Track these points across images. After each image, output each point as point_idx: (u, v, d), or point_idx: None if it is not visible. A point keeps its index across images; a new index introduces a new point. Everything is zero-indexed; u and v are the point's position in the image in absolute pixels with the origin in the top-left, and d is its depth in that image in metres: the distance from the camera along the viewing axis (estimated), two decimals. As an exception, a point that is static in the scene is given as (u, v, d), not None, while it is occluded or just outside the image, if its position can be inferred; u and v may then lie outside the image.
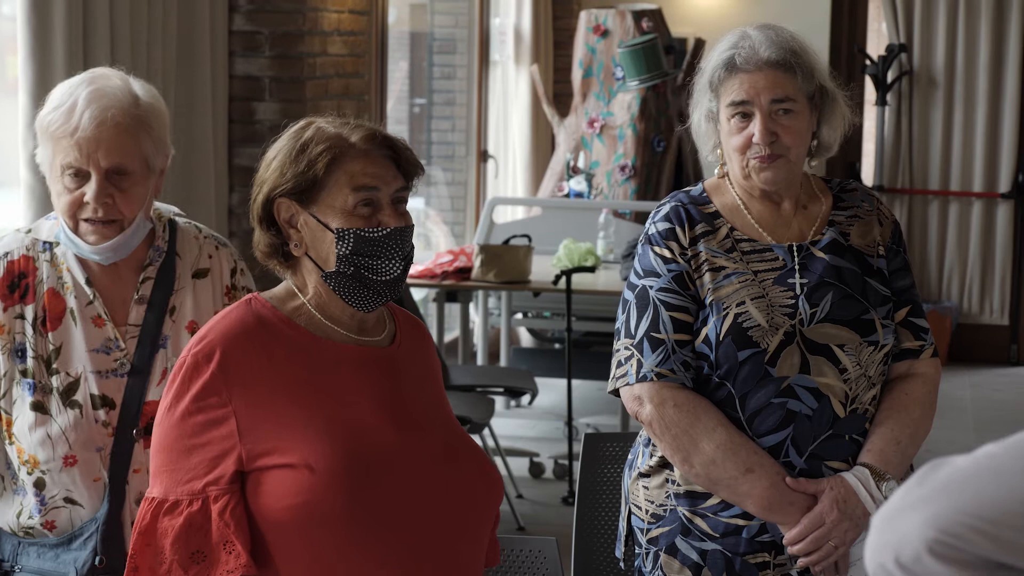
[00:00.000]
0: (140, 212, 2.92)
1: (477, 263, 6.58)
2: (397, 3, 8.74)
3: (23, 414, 2.91)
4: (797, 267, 3.06)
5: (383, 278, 2.57)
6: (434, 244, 9.13)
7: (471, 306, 7.57)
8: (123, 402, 2.93)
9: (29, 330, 2.91)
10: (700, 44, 8.86)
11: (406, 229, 2.57)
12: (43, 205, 4.33)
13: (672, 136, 8.64)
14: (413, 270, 2.69)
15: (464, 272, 6.64)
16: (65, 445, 2.90)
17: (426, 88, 9.45)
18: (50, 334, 2.93)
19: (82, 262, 2.95)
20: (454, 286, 6.69)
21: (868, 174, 10.42)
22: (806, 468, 3.00)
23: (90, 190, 2.85)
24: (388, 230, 2.55)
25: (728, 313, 3.01)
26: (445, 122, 9.29)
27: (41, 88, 4.30)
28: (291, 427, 2.54)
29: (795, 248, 3.07)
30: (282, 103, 5.39)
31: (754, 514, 3.00)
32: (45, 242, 2.97)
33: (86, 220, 2.89)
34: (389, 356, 2.65)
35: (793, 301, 3.02)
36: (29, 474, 2.92)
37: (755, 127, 3.03)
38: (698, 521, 3.04)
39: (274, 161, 2.62)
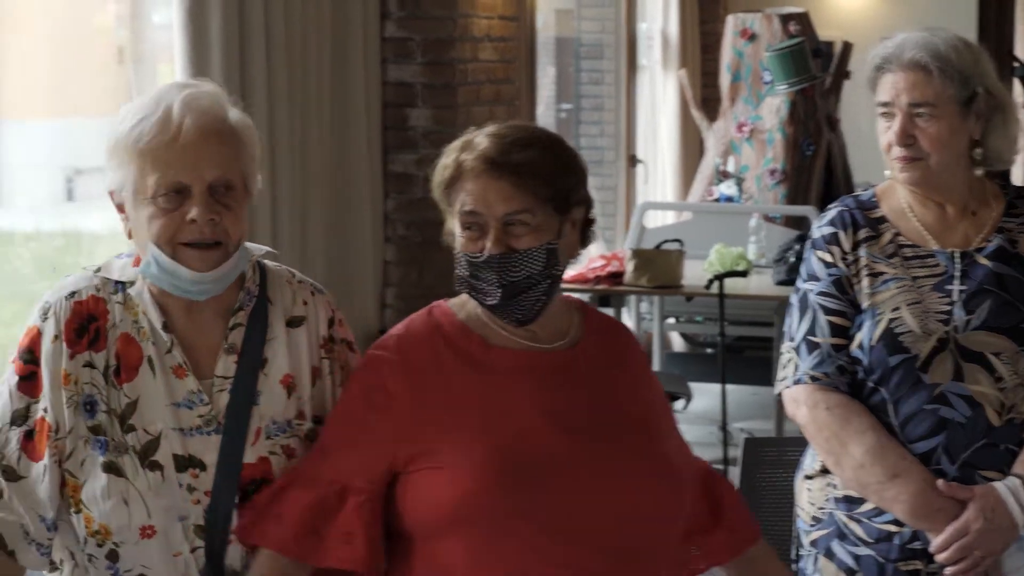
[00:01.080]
0: (243, 238, 2.58)
1: (630, 268, 6.52)
2: (543, 9, 8.71)
3: (94, 477, 2.51)
4: (958, 274, 3.00)
5: (488, 302, 2.56)
6: (585, 249, 9.10)
7: (624, 311, 7.52)
8: (219, 464, 2.53)
9: (100, 381, 2.52)
10: (847, 47, 8.74)
11: (505, 257, 2.52)
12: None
13: (821, 140, 8.53)
14: (567, 274, 2.63)
15: (616, 277, 6.59)
16: (143, 513, 2.49)
17: (573, 93, 9.42)
18: (125, 386, 2.53)
19: (160, 305, 2.56)
20: (607, 291, 6.65)
21: (1017, 179, 10.20)
22: (959, 476, 2.94)
23: (194, 207, 2.48)
24: (483, 257, 2.52)
25: (882, 318, 2.97)
26: (593, 127, 9.25)
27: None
28: (451, 430, 2.53)
29: (958, 255, 3.02)
30: (435, 109, 5.37)
31: (902, 520, 2.94)
32: (117, 282, 2.58)
33: (189, 244, 2.50)
34: (565, 361, 2.61)
35: (948, 308, 2.97)
36: (99, 546, 2.52)
37: (894, 128, 2.99)
38: (853, 526, 3.01)
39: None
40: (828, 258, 3.05)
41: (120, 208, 2.55)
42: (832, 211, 3.10)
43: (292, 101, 4.62)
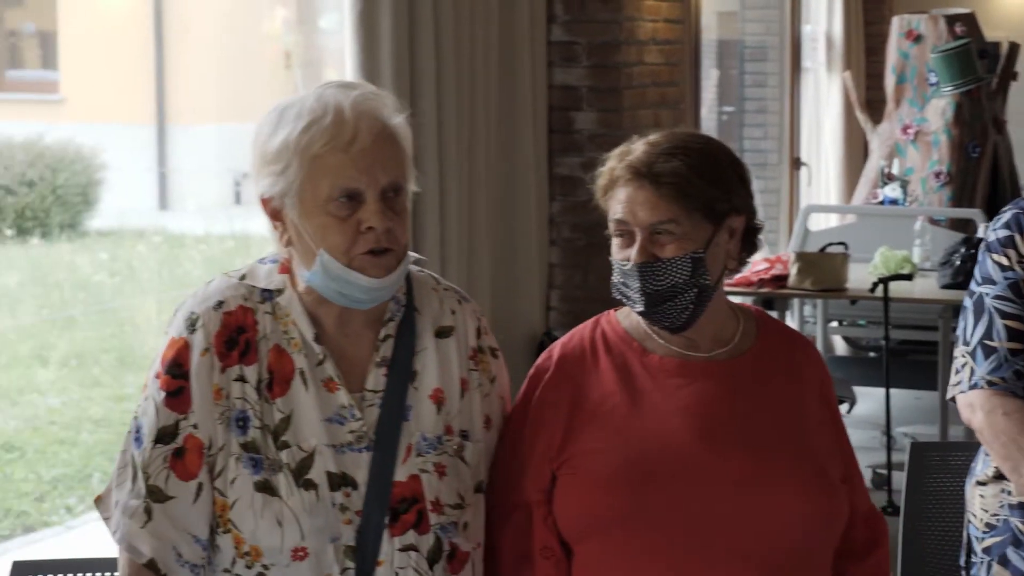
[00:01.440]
0: (409, 243, 2.50)
1: (793, 271, 6.48)
2: (706, 11, 8.68)
3: (245, 495, 2.40)
4: None
5: (636, 309, 2.57)
6: (749, 257, 9.06)
7: (787, 314, 7.47)
8: (369, 483, 2.43)
9: (252, 395, 2.41)
10: (1014, 48, 8.59)
11: (647, 265, 2.51)
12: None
13: (987, 141, 8.39)
14: (731, 278, 2.60)
15: (780, 280, 6.55)
16: (297, 534, 2.38)
17: (736, 96, 9.37)
18: (278, 400, 2.42)
19: (311, 315, 2.46)
20: (770, 294, 6.60)
21: None
22: None
23: (369, 213, 2.39)
24: (629, 265, 2.53)
25: None
26: (757, 130, 9.20)
27: (371, 100, 4.37)
28: (593, 436, 2.55)
29: None
30: (600, 112, 5.38)
31: None
32: (265, 290, 2.47)
33: (367, 253, 2.40)
34: (722, 370, 2.60)
35: None
36: (248, 567, 2.42)
37: None
38: (1030, 533, 2.95)
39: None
40: (1004, 261, 3.00)
41: (275, 215, 2.44)
42: (1007, 214, 3.05)
43: (460, 105, 4.66)
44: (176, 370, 2.42)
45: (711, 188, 2.53)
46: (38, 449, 8.38)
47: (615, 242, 2.56)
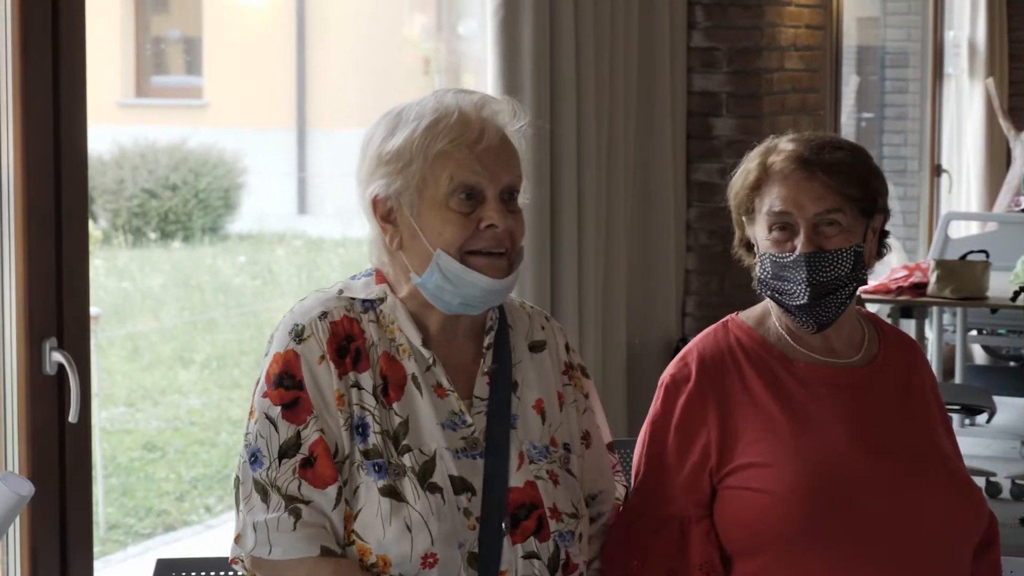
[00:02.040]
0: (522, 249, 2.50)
1: (933, 279, 6.39)
2: (846, 17, 8.60)
3: (371, 502, 2.36)
4: None
5: (794, 303, 2.53)
6: (887, 259, 8.96)
7: (925, 323, 7.38)
8: (484, 489, 2.41)
9: (371, 401, 2.40)
10: None
11: (815, 256, 2.50)
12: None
13: None
14: (869, 284, 2.57)
15: (919, 288, 6.46)
16: (426, 539, 2.34)
17: (876, 102, 9.26)
18: (395, 404, 2.41)
19: (418, 322, 2.45)
20: (909, 302, 6.52)
21: None
22: None
23: (490, 211, 2.39)
24: (792, 256, 2.51)
25: None
26: (896, 136, 9.09)
27: (510, 105, 4.39)
28: (754, 448, 2.52)
29: None
30: (739, 119, 5.36)
31: None
32: (365, 301, 2.46)
33: (483, 253, 2.40)
34: (862, 378, 2.58)
35: None
36: None
37: None
38: None
39: (735, 176, 2.63)
40: None
41: (386, 217, 2.43)
42: None
43: (599, 110, 4.66)
44: (288, 381, 2.40)
45: (874, 182, 2.53)
46: (179, 449, 8.50)
47: (771, 237, 2.53)
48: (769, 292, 2.55)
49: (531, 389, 2.53)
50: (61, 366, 3.20)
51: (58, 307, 3.21)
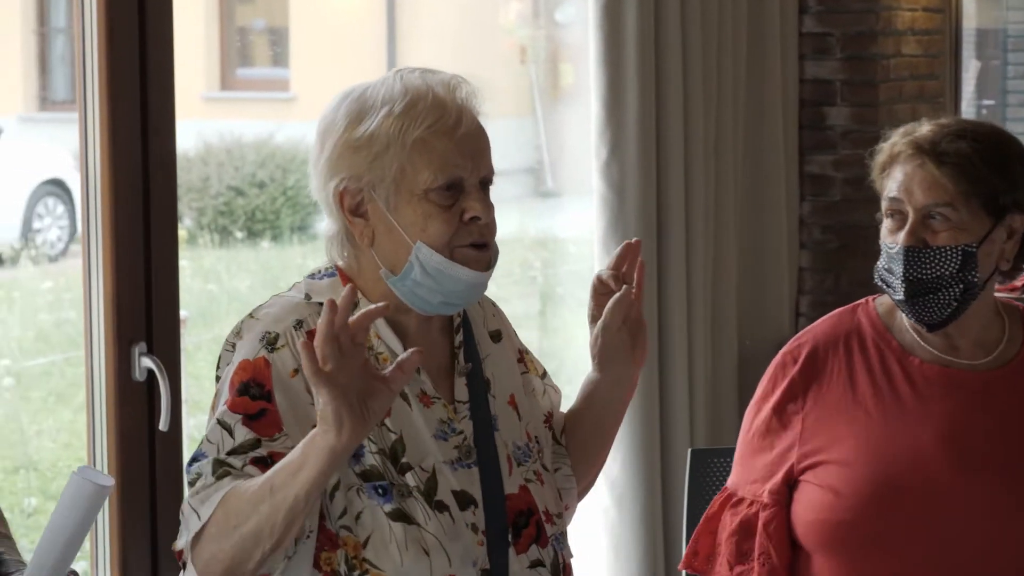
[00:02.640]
0: None
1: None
2: None
3: (380, 528, 2.26)
4: None
5: (895, 297, 2.50)
6: None
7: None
8: (485, 501, 2.34)
9: None
10: None
11: (914, 250, 2.46)
12: (617, 217, 4.41)
13: None
14: (1003, 282, 2.52)
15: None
16: (444, 561, 2.26)
17: (998, 88, 9.16)
18: (387, 420, 2.29)
19: (394, 326, 2.34)
20: (1036, 299, 6.45)
21: None
22: None
23: (472, 202, 2.31)
24: (896, 248, 2.48)
25: None
26: (1020, 124, 8.98)
27: (613, 96, 4.39)
28: (839, 443, 2.50)
29: None
30: (854, 107, 5.31)
31: None
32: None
33: (469, 246, 2.32)
34: (985, 381, 2.53)
35: None
36: None
37: None
38: None
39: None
40: None
41: (355, 211, 2.33)
42: None
43: (707, 98, 4.64)
44: (255, 390, 2.27)
45: (996, 177, 2.47)
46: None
47: (886, 224, 2.51)
48: (880, 282, 2.53)
49: (502, 384, 2.47)
50: (151, 372, 3.23)
51: (147, 311, 3.25)
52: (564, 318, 6.17)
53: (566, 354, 5.61)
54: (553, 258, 8.00)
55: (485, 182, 2.35)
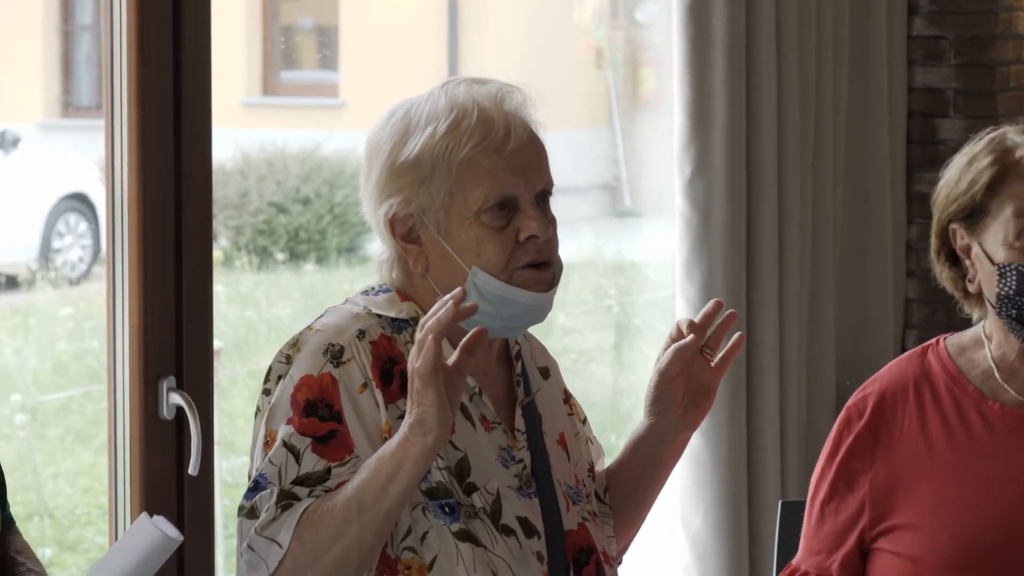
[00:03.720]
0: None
1: None
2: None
3: (447, 549, 2.35)
4: None
5: None
6: None
7: None
8: (547, 533, 2.44)
9: None
10: None
11: None
12: (701, 241, 4.41)
13: None
14: None
15: None
16: None
17: None
18: (453, 437, 2.38)
19: (454, 344, 2.38)
20: None
21: None
22: None
23: (528, 220, 2.41)
24: None
25: None
26: None
27: (699, 105, 4.39)
28: (913, 504, 2.49)
29: None
30: (969, 119, 5.29)
31: None
32: (395, 319, 2.45)
33: (528, 267, 2.42)
34: None
35: None
36: None
37: None
38: None
39: (945, 177, 2.59)
40: None
41: (407, 238, 2.44)
42: None
43: (804, 109, 4.64)
44: (324, 411, 2.37)
45: None
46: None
47: (1019, 245, 2.49)
48: (1015, 311, 2.50)
49: (553, 423, 2.57)
50: (180, 409, 3.26)
51: (177, 342, 3.28)
52: (642, 352, 6.18)
53: (643, 393, 5.61)
54: (630, 285, 8.01)
55: (544, 195, 2.45)
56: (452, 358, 2.26)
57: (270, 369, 2.43)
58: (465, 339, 2.25)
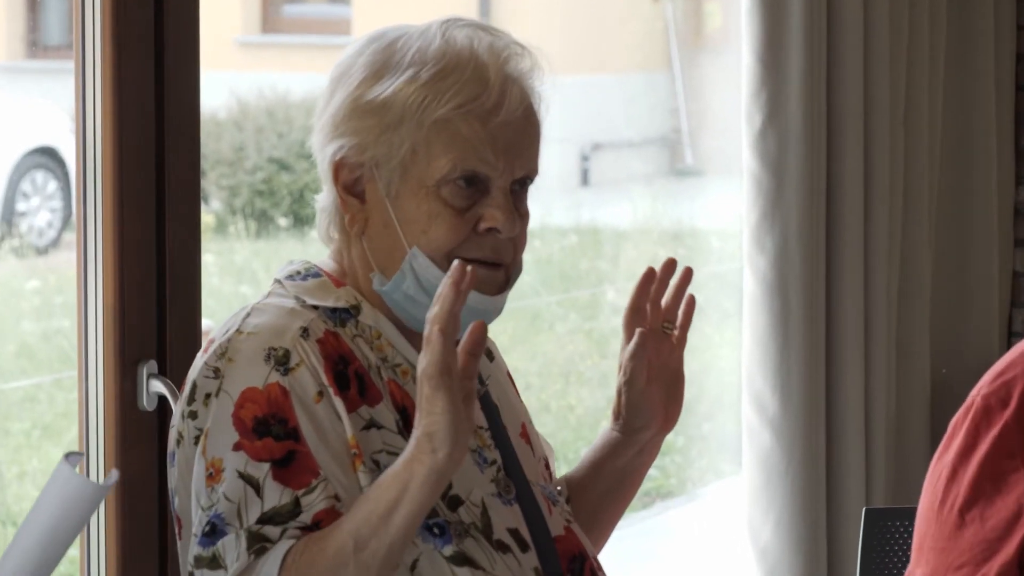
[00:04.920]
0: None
1: None
2: None
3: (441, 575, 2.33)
4: None
5: None
6: None
7: None
8: (535, 540, 2.44)
9: (398, 442, 2.34)
10: None
11: None
12: (774, 204, 4.41)
13: None
14: None
15: None
16: None
17: None
18: None
19: (407, 333, 2.43)
20: None
21: None
22: None
23: (493, 209, 2.38)
24: None
25: None
26: None
27: (771, 46, 4.38)
28: None
29: None
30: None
31: None
32: (335, 309, 2.41)
33: (478, 262, 2.36)
34: None
35: None
36: None
37: None
38: None
39: None
40: None
41: (349, 188, 2.41)
42: None
43: (895, 51, 4.62)
44: (277, 428, 2.30)
45: None
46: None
47: None
48: None
49: (511, 413, 2.57)
50: (162, 398, 3.28)
51: (160, 321, 3.29)
52: (703, 334, 6.18)
53: (706, 380, 5.61)
54: (691, 255, 8.02)
55: (523, 182, 2.42)
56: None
57: (193, 386, 2.36)
58: (465, 340, 2.19)
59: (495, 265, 2.40)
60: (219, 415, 2.31)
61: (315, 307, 2.40)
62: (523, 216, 2.42)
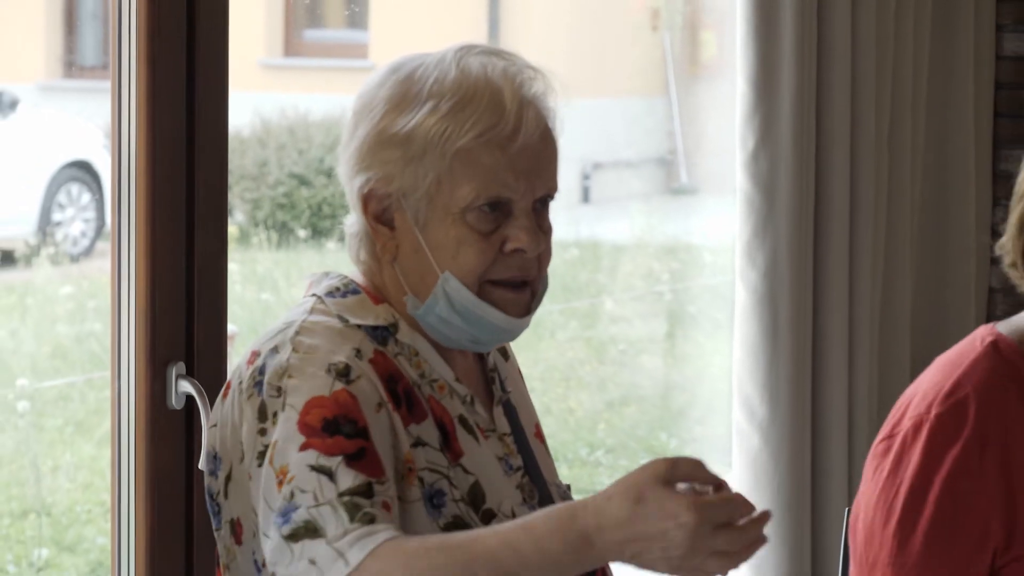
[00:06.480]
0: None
1: None
2: None
3: None
4: None
5: None
6: None
7: None
8: None
9: (440, 460, 2.31)
10: None
11: None
12: (764, 221, 4.41)
13: None
14: None
15: None
16: None
17: None
18: (463, 460, 2.35)
19: (441, 351, 2.40)
20: None
21: None
22: None
23: (517, 231, 2.35)
24: None
25: None
26: None
27: (764, 72, 4.38)
28: None
29: None
30: (1061, 91, 5.28)
31: None
32: (376, 328, 2.38)
33: (504, 284, 2.36)
34: None
35: None
36: None
37: None
38: None
39: None
40: None
41: (379, 218, 2.39)
42: None
43: (880, 79, 4.62)
44: (348, 428, 2.23)
45: None
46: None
47: None
48: None
49: (526, 413, 2.53)
50: (190, 398, 3.27)
51: (188, 325, 3.29)
52: (696, 342, 6.17)
53: (698, 388, 5.60)
54: (685, 270, 8.01)
55: (544, 200, 2.39)
56: None
57: (262, 407, 2.29)
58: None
59: (522, 285, 2.37)
60: (286, 426, 2.24)
61: (358, 326, 2.37)
62: (546, 232, 2.41)
